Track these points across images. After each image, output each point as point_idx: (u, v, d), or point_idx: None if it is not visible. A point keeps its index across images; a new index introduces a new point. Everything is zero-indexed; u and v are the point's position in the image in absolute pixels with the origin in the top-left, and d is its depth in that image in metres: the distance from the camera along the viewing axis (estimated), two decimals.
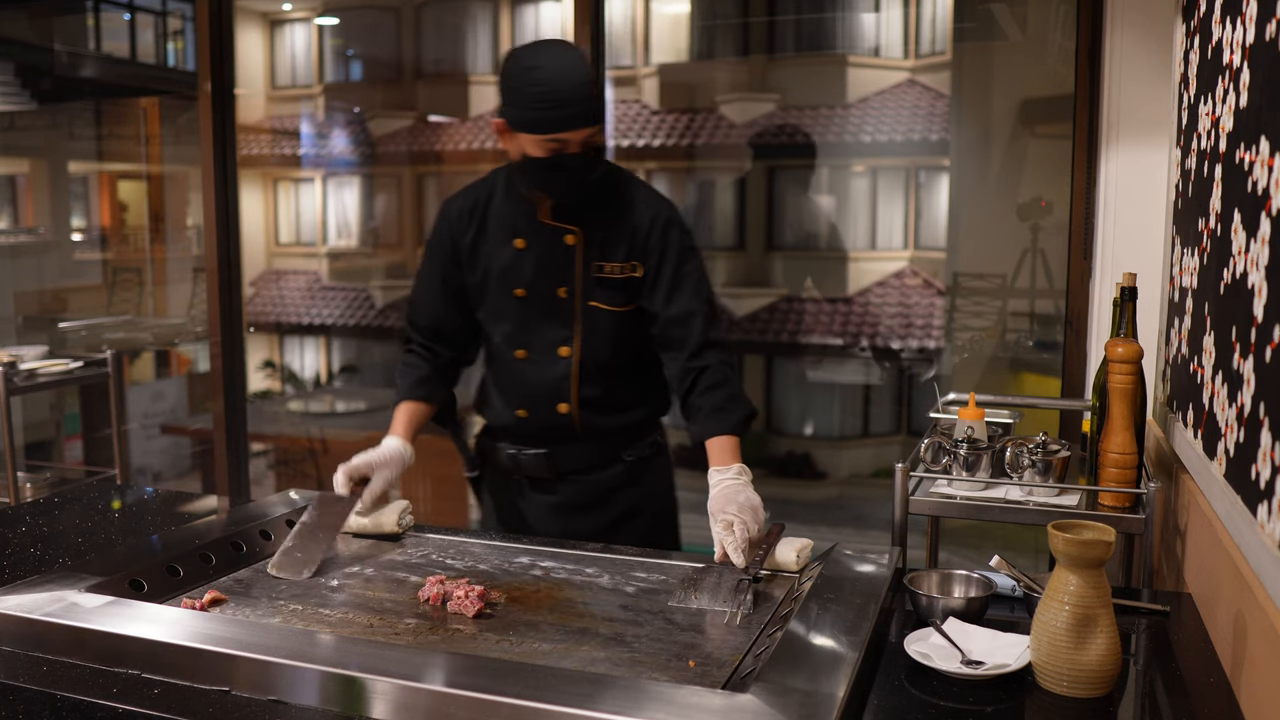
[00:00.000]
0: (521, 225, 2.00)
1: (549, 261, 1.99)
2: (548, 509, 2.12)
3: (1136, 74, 2.52)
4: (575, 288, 1.99)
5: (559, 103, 1.82)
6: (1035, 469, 1.90)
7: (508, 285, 2.02)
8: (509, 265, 2.01)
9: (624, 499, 2.12)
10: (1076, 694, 1.27)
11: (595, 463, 2.10)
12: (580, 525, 2.09)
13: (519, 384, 2.07)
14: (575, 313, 2.01)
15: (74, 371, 3.54)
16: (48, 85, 5.31)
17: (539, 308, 2.01)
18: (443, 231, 2.08)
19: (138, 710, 1.23)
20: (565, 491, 2.11)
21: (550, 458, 2.08)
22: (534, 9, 8.14)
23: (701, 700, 1.17)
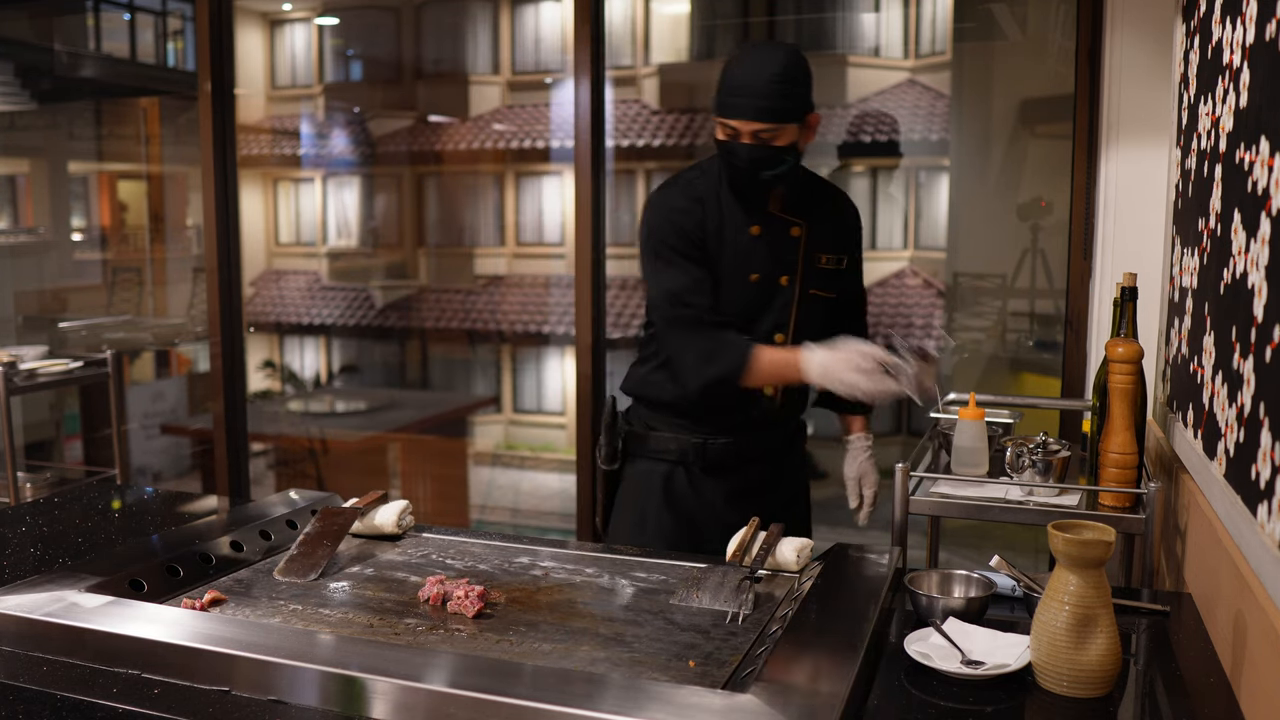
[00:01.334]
0: (755, 214, 2.09)
1: (778, 250, 2.11)
2: (725, 495, 2.18)
3: (1136, 74, 2.52)
4: (797, 276, 2.12)
5: (733, 89, 1.97)
6: (1035, 469, 1.90)
7: (744, 270, 2.09)
8: (746, 251, 2.09)
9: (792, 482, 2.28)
10: (1076, 694, 1.27)
11: (775, 447, 2.24)
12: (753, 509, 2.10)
13: None
14: (793, 300, 2.13)
15: (74, 371, 3.54)
16: (48, 85, 5.31)
17: (764, 294, 2.11)
18: (683, 222, 2.08)
19: (138, 710, 1.23)
20: (745, 476, 2.19)
21: (737, 445, 2.17)
22: (534, 9, 8.14)
23: (701, 700, 1.17)
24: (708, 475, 2.18)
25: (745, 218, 2.09)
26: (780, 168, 2.01)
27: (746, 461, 2.20)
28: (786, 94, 1.96)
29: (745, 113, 1.96)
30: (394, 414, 5.95)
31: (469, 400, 7.73)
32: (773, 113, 1.96)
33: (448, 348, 7.75)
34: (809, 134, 2.05)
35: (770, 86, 1.95)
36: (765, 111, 1.96)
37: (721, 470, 2.18)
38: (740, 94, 1.97)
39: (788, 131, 1.99)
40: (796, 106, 1.98)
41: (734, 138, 1.99)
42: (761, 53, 1.98)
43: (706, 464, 2.18)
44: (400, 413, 6.02)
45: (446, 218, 8.20)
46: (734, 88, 1.98)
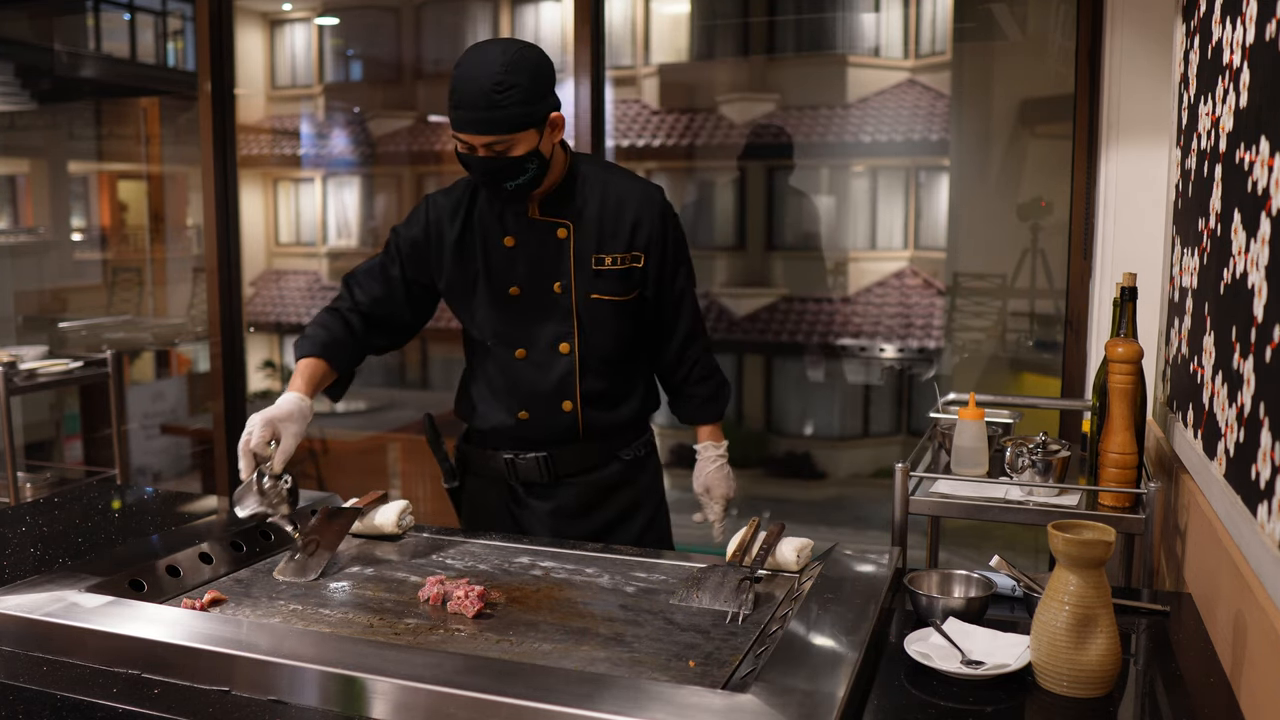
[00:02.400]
0: (510, 222, 1.98)
1: (541, 257, 1.98)
2: (544, 515, 2.08)
3: (1136, 74, 2.52)
4: (571, 282, 1.98)
5: (456, 102, 1.82)
6: (1035, 469, 1.90)
7: (501, 284, 2.00)
8: (500, 263, 1.99)
9: (621, 498, 2.11)
10: (1076, 694, 1.27)
11: (594, 463, 2.09)
12: (577, 529, 2.07)
13: (519, 385, 2.04)
14: (572, 307, 1.99)
15: (74, 371, 3.54)
16: (48, 85, 5.31)
17: (534, 305, 2.00)
18: (420, 226, 2.03)
19: (138, 710, 1.23)
20: (563, 495, 2.08)
21: (550, 460, 2.05)
22: (534, 9, 8.14)
23: (701, 700, 1.17)
24: (526, 492, 2.08)
25: (499, 228, 1.97)
26: (523, 177, 1.86)
27: (561, 478, 2.07)
28: (509, 102, 1.78)
29: (469, 126, 1.81)
30: (394, 414, 5.95)
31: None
32: (497, 124, 1.79)
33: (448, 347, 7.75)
34: (555, 133, 1.90)
35: (490, 96, 1.77)
36: (489, 123, 1.79)
37: (537, 487, 2.07)
38: (461, 106, 1.81)
39: (523, 139, 1.82)
40: (525, 113, 1.80)
41: (469, 151, 1.85)
42: (478, 58, 1.81)
43: (520, 480, 2.07)
44: (400, 413, 6.02)
45: None
46: (455, 99, 1.82)
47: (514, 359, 2.03)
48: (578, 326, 2.00)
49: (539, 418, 2.04)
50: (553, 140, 1.90)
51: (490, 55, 1.81)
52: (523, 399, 2.04)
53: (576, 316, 1.99)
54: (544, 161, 1.89)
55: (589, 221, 1.98)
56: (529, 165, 1.86)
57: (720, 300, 6.18)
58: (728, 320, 6.18)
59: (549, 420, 2.04)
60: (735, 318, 6.24)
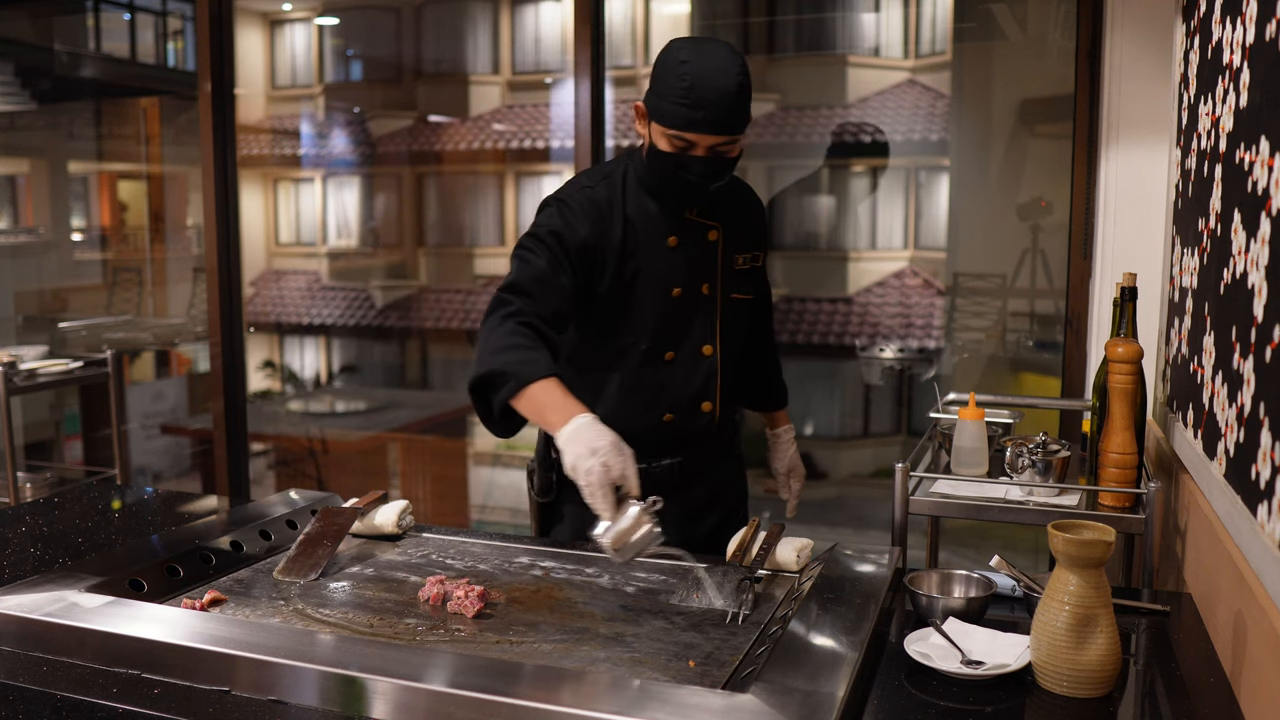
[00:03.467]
0: (671, 222, 1.92)
1: (697, 258, 1.95)
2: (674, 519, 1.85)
3: (1136, 74, 2.52)
4: (717, 283, 1.97)
5: (696, 102, 1.76)
6: (1035, 469, 1.90)
7: (664, 285, 1.92)
8: (665, 264, 1.92)
9: (732, 494, 2.17)
10: (1076, 694, 1.27)
11: (715, 461, 2.09)
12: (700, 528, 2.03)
13: (665, 388, 1.96)
14: (717, 308, 1.98)
15: (74, 371, 3.54)
16: (48, 85, 5.31)
17: (688, 306, 1.95)
18: (587, 228, 1.87)
19: (138, 710, 1.23)
20: (691, 497, 2.02)
21: (683, 464, 2.00)
22: (534, 9, 8.14)
23: (701, 700, 1.17)
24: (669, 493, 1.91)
25: (661, 228, 1.91)
26: (727, 178, 1.87)
27: (693, 481, 2.03)
28: (747, 104, 1.80)
29: (710, 127, 1.77)
30: (394, 414, 5.95)
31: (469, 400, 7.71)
32: (737, 125, 1.80)
33: (448, 348, 7.75)
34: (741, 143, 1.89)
35: (735, 96, 1.76)
36: (731, 125, 1.78)
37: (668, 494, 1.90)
38: (703, 106, 1.76)
39: (740, 141, 1.84)
40: (749, 115, 1.82)
41: (685, 150, 1.80)
42: (716, 59, 1.77)
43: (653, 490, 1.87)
44: (400, 413, 6.02)
45: (446, 218, 8.19)
46: (694, 98, 1.76)
47: (662, 361, 1.95)
48: (720, 327, 1.99)
49: (681, 421, 1.98)
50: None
51: (726, 56, 1.78)
52: (669, 403, 1.97)
53: (719, 317, 1.99)
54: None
55: (730, 223, 1.98)
56: (734, 166, 1.87)
57: None
58: None
59: (690, 423, 1.99)
60: None
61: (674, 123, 1.78)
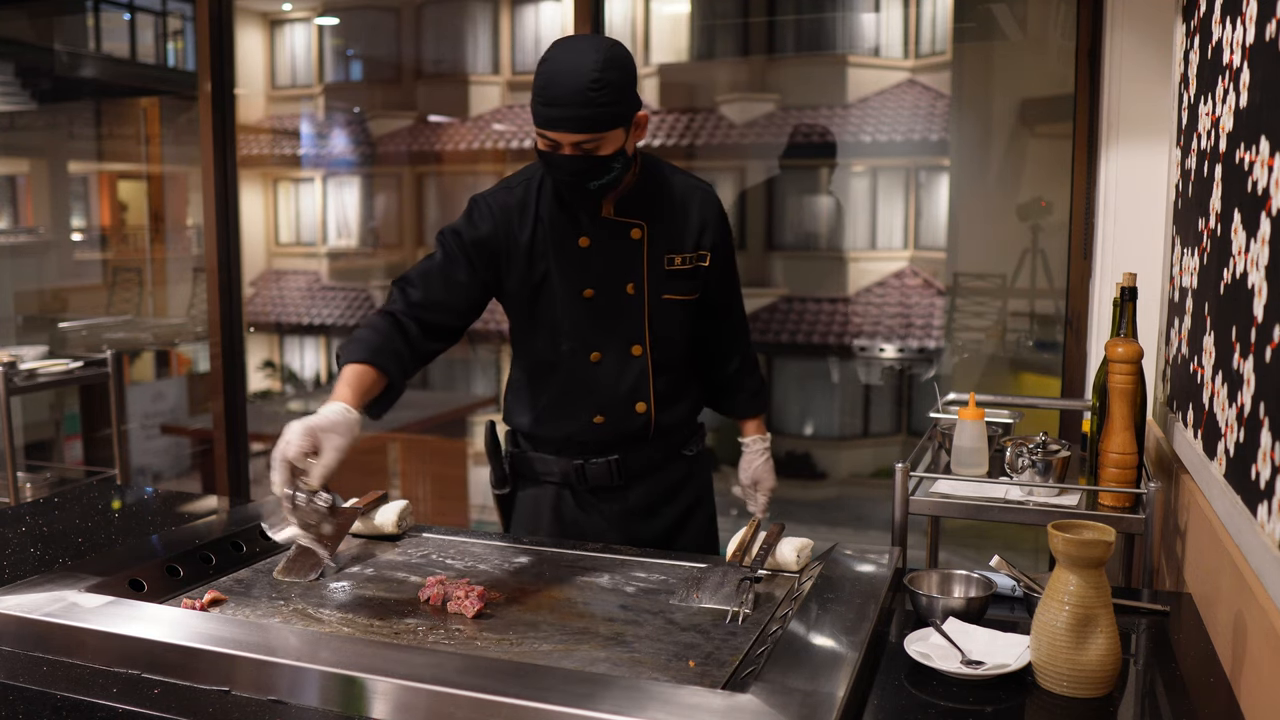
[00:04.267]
0: (584, 222, 1.92)
1: (616, 258, 1.94)
2: (614, 517, 2.05)
3: (1136, 74, 2.52)
4: (644, 283, 1.96)
5: (548, 100, 1.76)
6: (1035, 469, 1.90)
7: (575, 286, 1.94)
8: (574, 265, 1.93)
9: (686, 495, 2.13)
10: (1076, 694, 1.27)
11: (660, 462, 2.08)
12: (646, 529, 2.07)
13: (595, 389, 1.99)
14: (644, 309, 1.97)
15: (74, 371, 3.55)
16: (48, 85, 5.31)
17: (608, 307, 1.95)
18: (488, 226, 1.93)
19: (138, 710, 1.23)
20: (631, 497, 2.06)
21: (620, 463, 2.03)
22: (534, 9, 8.14)
23: (701, 700, 1.17)
24: (593, 496, 2.05)
25: (572, 228, 1.92)
26: (607, 176, 1.83)
27: (631, 480, 2.05)
28: (605, 100, 1.75)
29: (562, 124, 1.76)
30: (394, 414, 5.94)
31: (469, 400, 7.72)
32: (592, 122, 1.76)
33: None
34: (639, 133, 1.87)
35: (586, 94, 1.73)
36: (583, 122, 1.75)
37: (606, 491, 2.05)
38: (555, 104, 1.75)
39: (613, 138, 1.79)
40: (618, 112, 1.78)
41: (554, 149, 1.80)
42: (572, 54, 1.77)
43: (589, 485, 2.04)
44: (400, 413, 6.02)
45: (447, 218, 8.18)
46: (547, 97, 1.76)
47: (589, 363, 1.98)
48: (649, 327, 1.98)
49: (613, 421, 2.00)
50: (636, 140, 1.87)
51: (584, 52, 1.77)
52: (599, 403, 1.99)
53: (648, 317, 1.98)
54: (628, 161, 1.87)
55: (660, 221, 1.97)
56: (615, 165, 1.83)
57: None
58: None
59: (623, 423, 2.01)
60: None
61: (535, 120, 1.80)
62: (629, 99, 1.82)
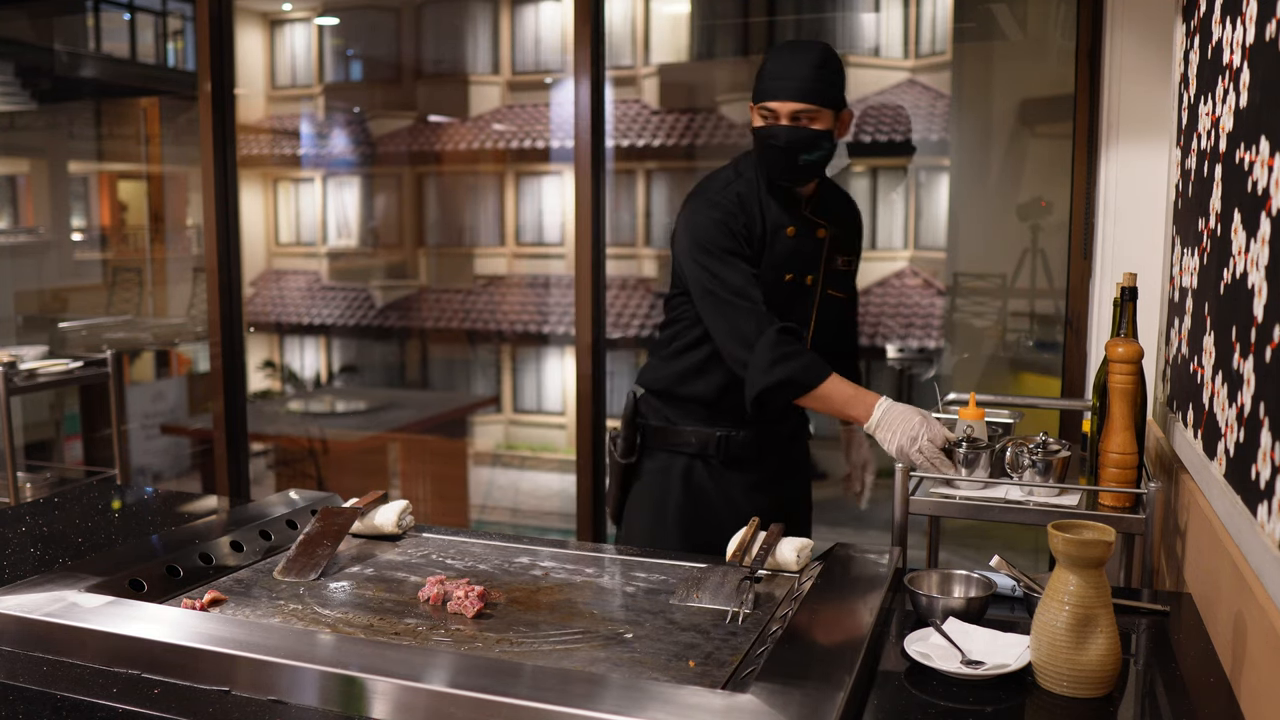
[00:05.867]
0: (792, 216, 2.16)
1: (806, 251, 2.18)
2: (746, 487, 2.23)
3: (1136, 74, 2.52)
4: (819, 277, 2.20)
5: (774, 75, 2.05)
6: (1035, 469, 1.90)
7: (780, 270, 2.15)
8: (784, 251, 2.15)
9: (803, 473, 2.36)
10: (1076, 694, 1.27)
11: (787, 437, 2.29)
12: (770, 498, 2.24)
13: None
14: (815, 300, 2.20)
15: (74, 371, 3.54)
16: (48, 85, 5.31)
17: (793, 294, 2.18)
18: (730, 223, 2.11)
19: (138, 710, 1.23)
20: (764, 468, 2.25)
21: (756, 437, 2.22)
22: (534, 9, 8.14)
23: (701, 700, 1.17)
24: (728, 468, 2.22)
25: (783, 218, 2.15)
26: (816, 153, 2.07)
27: (765, 453, 2.24)
28: (825, 79, 2.04)
29: (785, 93, 2.03)
30: (394, 414, 5.95)
31: (469, 400, 7.72)
32: (812, 94, 2.03)
33: (448, 348, 7.75)
34: (842, 128, 2.11)
35: (810, 70, 2.03)
36: (806, 93, 2.03)
37: (742, 463, 2.23)
38: (780, 78, 2.04)
39: (824, 116, 2.05)
40: (833, 93, 2.06)
41: (771, 121, 2.05)
42: (801, 44, 2.08)
43: (728, 457, 2.21)
44: (400, 413, 6.02)
45: (446, 218, 8.19)
46: (774, 73, 2.05)
47: None
48: (815, 316, 2.21)
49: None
50: (840, 134, 2.11)
51: (811, 47, 2.07)
52: None
53: (816, 307, 2.21)
54: (832, 147, 2.10)
55: (836, 224, 2.21)
56: (823, 143, 2.06)
57: None
58: None
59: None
60: None
61: (757, 98, 2.08)
62: (842, 90, 2.10)
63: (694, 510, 2.22)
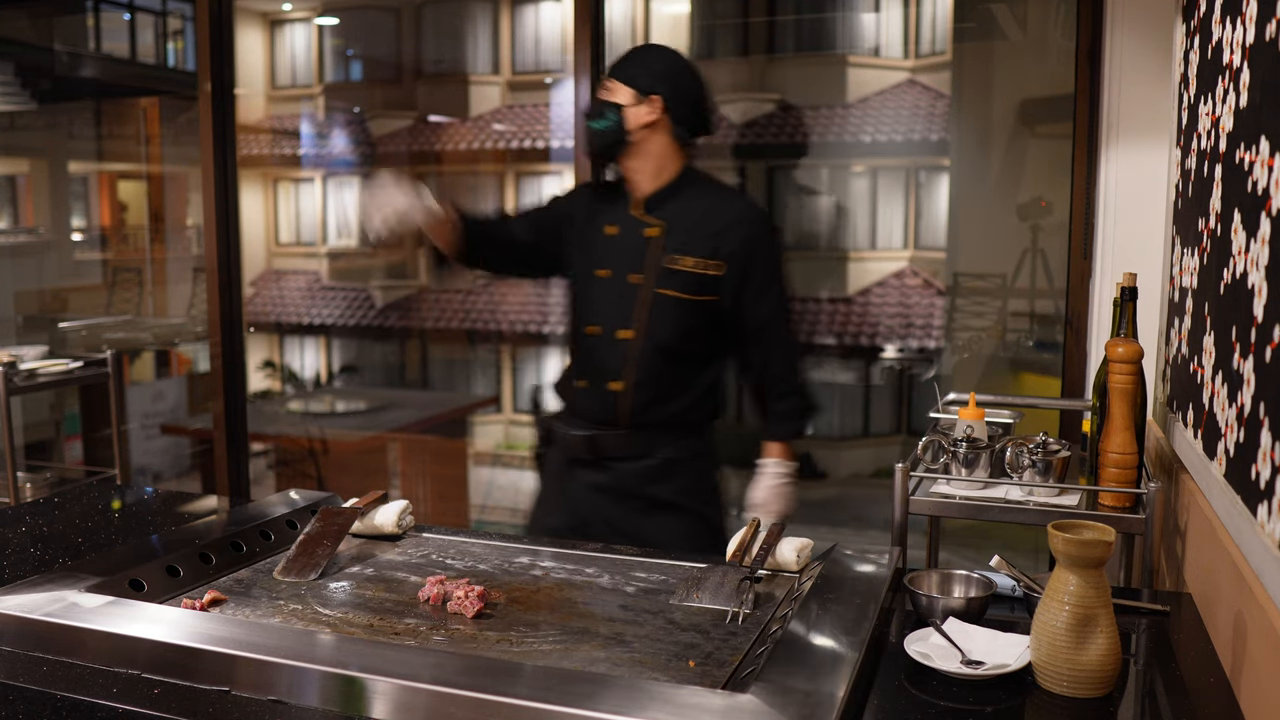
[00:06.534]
0: (617, 215, 2.24)
1: (630, 250, 2.21)
2: (588, 489, 2.26)
3: (1136, 74, 2.52)
4: (647, 276, 2.18)
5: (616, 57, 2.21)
6: (1035, 469, 1.90)
7: (592, 264, 2.24)
8: (596, 247, 2.24)
9: (655, 493, 2.22)
10: (1076, 694, 1.27)
11: (634, 453, 2.22)
12: (615, 511, 2.22)
13: (586, 357, 2.25)
14: (641, 299, 2.19)
15: (74, 371, 3.54)
16: (48, 85, 5.31)
17: (613, 289, 2.21)
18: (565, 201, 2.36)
19: (138, 710, 1.23)
20: (605, 477, 2.24)
21: (592, 440, 2.22)
22: (534, 9, 8.14)
23: (701, 700, 1.17)
24: (580, 466, 2.26)
25: (606, 215, 2.25)
26: (600, 122, 2.17)
27: (602, 460, 2.23)
28: (631, 59, 2.19)
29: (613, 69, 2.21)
30: (394, 414, 5.94)
31: (469, 400, 7.72)
32: (616, 68, 2.20)
33: (448, 348, 7.75)
34: (648, 112, 2.15)
35: (628, 52, 2.21)
36: (613, 70, 2.20)
37: (586, 463, 2.25)
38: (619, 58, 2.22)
39: (621, 92, 2.16)
40: (635, 73, 2.16)
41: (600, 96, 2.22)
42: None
43: (570, 454, 2.27)
44: (400, 413, 6.02)
45: None
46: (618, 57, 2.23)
47: (585, 334, 2.25)
48: (643, 316, 2.19)
49: (593, 389, 2.22)
50: (642, 117, 2.15)
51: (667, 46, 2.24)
52: (584, 370, 2.25)
53: (644, 307, 2.18)
54: (623, 127, 2.16)
55: (679, 224, 2.19)
56: (609, 112, 2.16)
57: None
58: None
59: (599, 394, 2.21)
60: None
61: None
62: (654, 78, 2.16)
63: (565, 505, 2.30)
